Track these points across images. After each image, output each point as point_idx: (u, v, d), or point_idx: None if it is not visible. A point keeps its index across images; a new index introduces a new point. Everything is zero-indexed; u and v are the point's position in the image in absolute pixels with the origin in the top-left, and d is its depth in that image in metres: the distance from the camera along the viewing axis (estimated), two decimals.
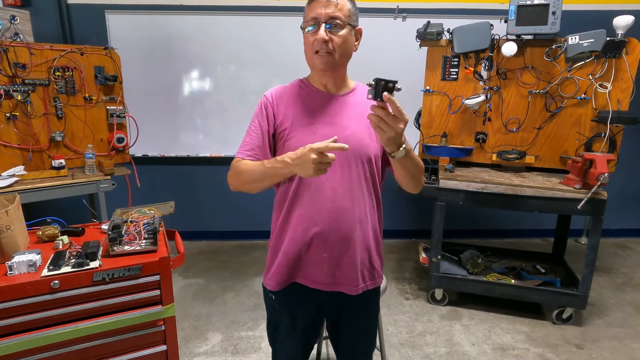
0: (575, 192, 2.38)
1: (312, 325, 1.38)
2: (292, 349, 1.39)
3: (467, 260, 2.85)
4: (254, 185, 1.21)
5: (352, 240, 1.24)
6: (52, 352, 1.30)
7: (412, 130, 2.97)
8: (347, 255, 1.25)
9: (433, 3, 3.47)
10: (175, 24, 3.41)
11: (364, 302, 1.34)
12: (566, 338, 2.50)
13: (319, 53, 1.20)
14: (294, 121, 1.24)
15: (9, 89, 2.38)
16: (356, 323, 1.37)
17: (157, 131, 3.55)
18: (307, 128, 1.23)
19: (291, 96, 1.29)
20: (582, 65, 2.50)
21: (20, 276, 1.28)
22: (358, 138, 1.22)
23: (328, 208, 1.21)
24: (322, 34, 1.17)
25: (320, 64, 1.21)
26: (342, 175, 1.22)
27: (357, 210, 1.24)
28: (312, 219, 1.22)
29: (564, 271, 2.93)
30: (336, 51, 1.20)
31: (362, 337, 1.41)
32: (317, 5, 1.18)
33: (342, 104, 1.27)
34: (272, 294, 1.34)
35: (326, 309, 1.35)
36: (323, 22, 1.17)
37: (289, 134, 1.24)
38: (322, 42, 1.18)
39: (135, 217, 1.57)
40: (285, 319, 1.35)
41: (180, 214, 2.28)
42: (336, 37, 1.19)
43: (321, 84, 1.29)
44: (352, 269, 1.26)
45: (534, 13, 2.47)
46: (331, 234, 1.22)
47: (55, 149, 2.63)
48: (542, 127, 2.67)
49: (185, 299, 2.89)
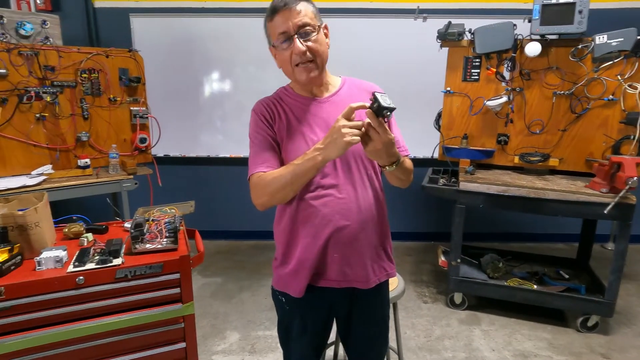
0: (602, 196, 2.31)
1: (324, 326, 1.38)
2: (303, 350, 1.39)
3: (487, 264, 2.80)
4: (285, 191, 1.16)
5: (360, 238, 1.24)
6: (75, 346, 1.34)
7: (432, 132, 2.94)
8: (356, 253, 1.25)
9: (454, 3, 3.43)
10: (196, 27, 3.47)
11: (375, 295, 1.34)
12: (591, 347, 2.42)
13: (300, 66, 1.17)
14: (288, 131, 1.23)
15: (39, 91, 2.46)
16: (367, 317, 1.37)
17: (178, 132, 3.61)
18: (302, 136, 1.22)
19: (280, 107, 1.26)
20: (610, 66, 2.42)
21: (48, 271, 1.32)
22: None
23: (334, 210, 1.21)
24: (298, 46, 1.14)
25: (305, 75, 1.18)
26: (344, 176, 1.22)
27: (362, 209, 1.23)
28: (321, 223, 1.22)
29: (589, 277, 2.84)
30: (317, 57, 1.17)
31: (373, 331, 1.40)
32: (281, 19, 1.14)
33: (332, 105, 1.25)
34: (282, 296, 1.34)
35: (337, 307, 1.35)
36: (294, 34, 1.14)
37: (286, 145, 1.23)
38: (302, 54, 1.15)
39: (156, 216, 1.60)
40: (296, 321, 1.35)
41: (199, 214, 2.31)
42: (312, 44, 1.15)
43: (306, 91, 1.27)
44: (362, 265, 1.27)
45: (560, 12, 2.41)
46: (340, 235, 1.22)
47: (81, 148, 2.70)
48: (567, 129, 2.60)
49: (204, 297, 2.93)
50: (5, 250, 1.31)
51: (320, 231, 1.22)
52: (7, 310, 1.25)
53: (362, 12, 3.41)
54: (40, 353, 1.30)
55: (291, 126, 1.23)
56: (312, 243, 1.24)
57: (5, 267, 1.29)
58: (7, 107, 2.39)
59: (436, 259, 3.06)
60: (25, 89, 2.41)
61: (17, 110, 2.42)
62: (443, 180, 2.75)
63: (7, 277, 1.28)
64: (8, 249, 1.33)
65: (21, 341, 1.27)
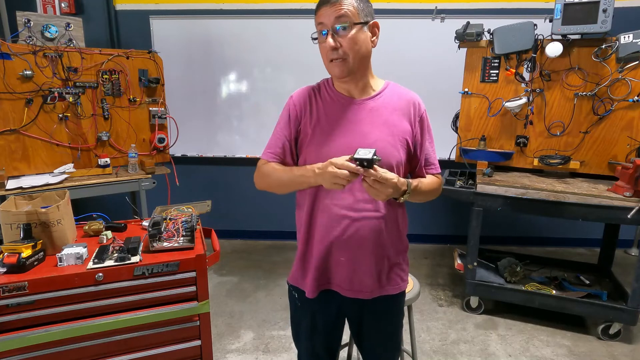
0: (625, 200, 2.24)
1: (333, 325, 1.38)
2: (315, 349, 1.39)
3: (504, 268, 2.75)
4: (281, 189, 1.27)
5: (370, 247, 1.23)
6: (94, 342, 1.37)
7: (449, 133, 2.90)
8: (364, 261, 1.24)
9: (473, 3, 3.38)
10: (215, 28, 3.51)
11: (386, 307, 1.33)
12: (613, 355, 2.35)
13: (333, 61, 1.16)
14: (314, 128, 1.23)
15: (62, 92, 2.53)
16: (378, 328, 1.35)
17: (196, 132, 3.66)
18: (326, 136, 1.21)
19: (315, 100, 1.26)
20: (635, 66, 2.35)
21: (69, 267, 1.36)
22: (380, 146, 1.18)
23: (346, 214, 1.20)
24: (329, 41, 1.13)
25: (337, 72, 1.18)
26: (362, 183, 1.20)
27: (375, 220, 1.22)
28: (332, 223, 1.22)
29: (611, 284, 2.76)
30: (349, 55, 1.15)
31: (385, 342, 1.39)
32: (322, 11, 1.14)
33: (364, 110, 1.23)
34: (295, 292, 1.35)
35: (347, 311, 1.35)
36: (329, 28, 1.13)
37: (309, 141, 1.23)
38: (331, 50, 1.14)
39: (174, 215, 1.63)
40: (306, 318, 1.36)
41: (216, 213, 2.34)
42: (344, 41, 1.14)
43: (344, 89, 1.25)
44: (368, 274, 1.25)
45: (583, 11, 2.35)
46: (349, 240, 1.21)
47: (101, 148, 2.76)
48: (589, 131, 2.53)
49: (219, 296, 2.96)
50: (29, 246, 1.35)
51: (329, 231, 1.23)
52: (31, 304, 1.29)
53: (379, 13, 3.37)
54: (60, 347, 1.34)
55: (320, 123, 1.23)
56: (322, 241, 1.24)
57: (29, 263, 1.33)
58: (32, 107, 2.46)
59: (452, 262, 3.02)
60: (50, 89, 2.48)
61: (41, 110, 2.50)
62: (460, 182, 2.71)
63: (31, 272, 1.32)
64: (32, 245, 1.36)
65: (43, 334, 1.30)
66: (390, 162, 1.20)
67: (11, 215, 1.41)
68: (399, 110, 1.24)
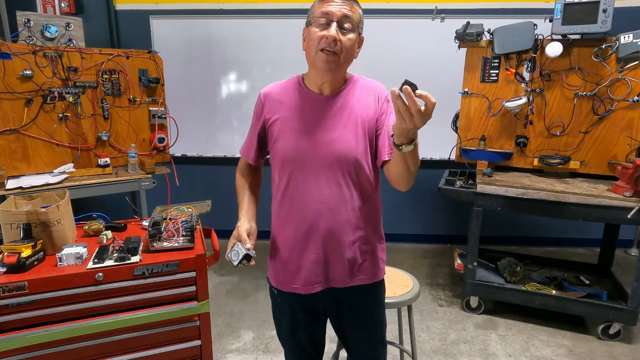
0: (625, 200, 2.24)
1: (316, 322, 1.39)
2: (301, 345, 1.40)
3: (504, 268, 2.75)
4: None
5: (340, 240, 1.25)
6: (93, 342, 1.37)
7: (449, 133, 2.90)
8: (335, 254, 1.26)
9: (472, 3, 3.38)
10: (215, 28, 3.51)
11: (362, 298, 1.34)
12: (614, 356, 2.35)
13: (324, 51, 1.15)
14: (281, 123, 1.25)
15: (62, 92, 2.53)
16: (357, 320, 1.36)
17: (196, 132, 3.66)
18: (293, 132, 1.23)
19: (284, 96, 1.28)
20: (635, 66, 2.35)
21: (69, 267, 1.36)
22: (344, 141, 1.20)
23: (313, 210, 1.23)
24: (333, 32, 1.13)
25: (324, 63, 1.17)
26: (328, 178, 1.22)
27: (343, 212, 1.24)
28: (300, 220, 1.25)
29: (611, 284, 2.76)
30: (342, 53, 1.16)
31: (367, 336, 1.39)
32: (332, 3, 1.15)
33: (331, 105, 1.24)
34: (274, 289, 1.37)
35: (324, 304, 1.35)
36: (335, 21, 1.14)
37: (276, 136, 1.26)
38: (332, 41, 1.14)
39: (174, 215, 1.63)
40: (286, 314, 1.37)
41: (216, 213, 2.34)
42: (345, 39, 1.15)
43: (316, 85, 1.25)
44: (340, 266, 1.28)
45: (583, 11, 2.35)
46: (318, 235, 1.24)
47: (101, 148, 2.76)
48: (589, 131, 2.53)
49: (219, 296, 2.96)
50: (29, 245, 1.35)
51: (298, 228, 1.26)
52: (31, 304, 1.29)
53: (379, 13, 3.39)
54: (60, 347, 1.33)
55: (286, 120, 1.25)
56: (290, 238, 1.28)
57: (29, 263, 1.33)
58: (32, 107, 2.46)
59: (452, 262, 3.02)
60: (49, 89, 2.48)
61: (41, 110, 2.50)
62: (460, 182, 2.71)
63: (31, 272, 1.32)
64: (32, 245, 1.36)
65: (43, 334, 1.30)
66: (355, 156, 1.21)
67: (11, 215, 1.41)
68: (363, 102, 1.25)
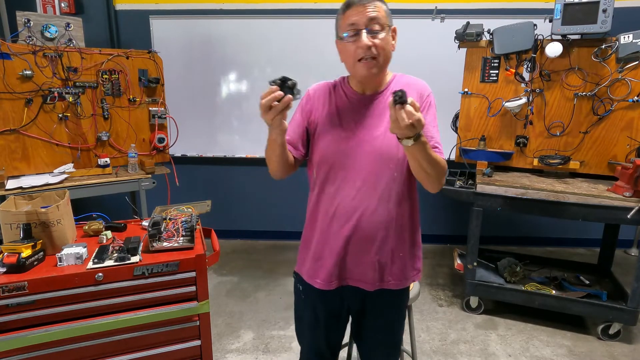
0: (625, 200, 2.24)
1: (337, 321, 1.39)
2: (317, 343, 1.40)
3: (504, 268, 2.75)
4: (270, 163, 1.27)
5: (373, 240, 1.24)
6: (93, 342, 1.37)
7: (449, 133, 2.90)
8: (367, 253, 1.25)
9: (472, 3, 3.38)
10: (215, 28, 3.51)
11: (387, 302, 1.33)
12: (613, 356, 2.35)
13: (362, 61, 1.16)
14: (325, 121, 1.27)
15: (62, 92, 2.53)
16: (377, 321, 1.36)
17: (196, 132, 3.66)
18: (335, 129, 1.25)
19: (329, 95, 1.30)
20: (635, 66, 2.35)
21: (69, 267, 1.36)
22: (387, 139, 1.20)
23: (350, 207, 1.22)
24: (365, 40, 1.14)
25: (365, 70, 1.18)
26: (368, 175, 1.21)
27: (381, 212, 1.22)
28: (336, 216, 1.24)
29: (611, 284, 2.76)
30: (380, 55, 1.17)
31: (383, 338, 1.39)
32: (354, 11, 1.15)
33: (375, 104, 1.26)
34: (299, 285, 1.37)
35: (351, 303, 1.35)
36: (363, 28, 1.14)
37: (319, 133, 1.27)
38: (366, 49, 1.14)
39: (173, 215, 1.63)
40: (308, 311, 1.37)
41: (216, 213, 2.34)
42: (378, 41, 1.16)
43: (359, 87, 1.28)
44: (370, 267, 1.26)
45: (582, 11, 2.35)
46: (352, 233, 1.23)
47: (101, 148, 2.76)
48: (589, 131, 2.53)
49: (219, 296, 2.96)
50: (29, 246, 1.35)
51: (331, 224, 1.25)
52: (31, 304, 1.29)
53: None
54: (60, 347, 1.33)
55: (330, 118, 1.26)
56: (325, 233, 1.26)
57: (29, 263, 1.33)
58: (32, 107, 2.46)
59: (452, 262, 3.02)
60: (49, 89, 2.48)
61: (41, 110, 2.49)
62: (460, 182, 2.71)
63: (31, 272, 1.32)
64: (32, 245, 1.36)
65: (43, 334, 1.30)
66: (399, 154, 1.20)
67: (11, 215, 1.41)
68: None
